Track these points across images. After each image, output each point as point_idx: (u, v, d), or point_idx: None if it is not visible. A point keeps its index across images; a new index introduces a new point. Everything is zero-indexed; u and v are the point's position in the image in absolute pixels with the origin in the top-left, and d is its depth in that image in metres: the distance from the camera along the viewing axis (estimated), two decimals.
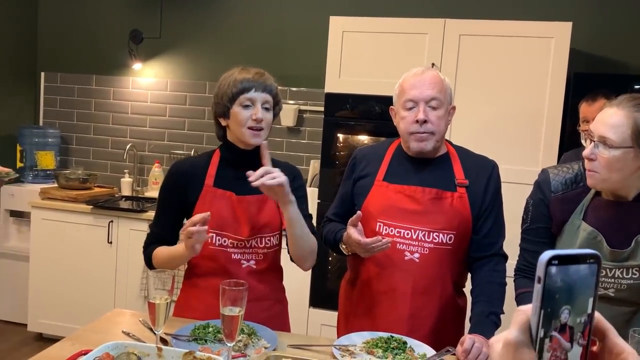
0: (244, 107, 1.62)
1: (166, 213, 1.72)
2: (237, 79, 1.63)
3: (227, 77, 1.66)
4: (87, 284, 3.46)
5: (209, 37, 3.84)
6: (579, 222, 1.52)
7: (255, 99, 1.62)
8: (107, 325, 1.59)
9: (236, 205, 1.64)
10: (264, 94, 1.63)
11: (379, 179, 1.76)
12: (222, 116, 1.67)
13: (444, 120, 1.70)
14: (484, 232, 1.71)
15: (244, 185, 1.62)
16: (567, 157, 2.76)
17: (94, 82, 4.05)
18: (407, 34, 2.97)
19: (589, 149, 1.44)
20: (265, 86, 1.63)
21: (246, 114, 1.62)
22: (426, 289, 1.68)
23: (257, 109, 1.62)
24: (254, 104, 1.62)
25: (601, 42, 3.21)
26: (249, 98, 1.62)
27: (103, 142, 4.07)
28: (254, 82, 1.62)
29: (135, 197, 3.81)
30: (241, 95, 1.61)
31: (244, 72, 1.64)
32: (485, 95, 2.89)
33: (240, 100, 1.62)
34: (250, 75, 1.63)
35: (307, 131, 3.70)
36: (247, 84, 1.61)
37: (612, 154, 1.39)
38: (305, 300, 3.13)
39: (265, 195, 1.68)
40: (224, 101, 1.64)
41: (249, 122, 1.62)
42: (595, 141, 1.42)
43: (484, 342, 1.46)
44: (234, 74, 1.65)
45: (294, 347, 1.49)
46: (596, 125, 1.44)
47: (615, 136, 1.38)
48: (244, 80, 1.62)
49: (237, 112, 1.63)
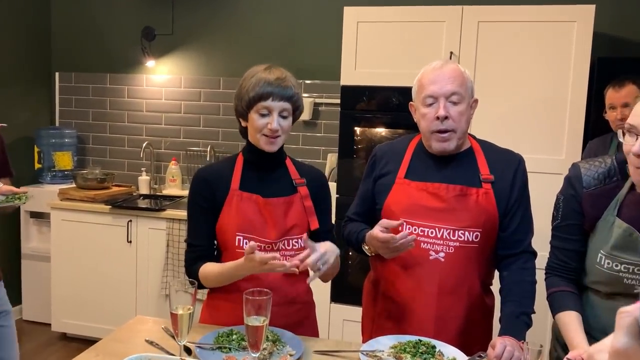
0: (261, 115, 1.58)
1: (201, 222, 1.66)
2: (256, 82, 1.57)
3: (249, 77, 1.60)
4: (109, 283, 3.48)
5: (221, 31, 3.80)
6: (613, 219, 1.46)
7: (272, 108, 1.58)
8: (130, 333, 1.57)
9: (263, 208, 1.61)
10: (282, 103, 1.58)
11: (400, 176, 1.71)
12: (241, 117, 1.65)
13: (466, 116, 1.64)
14: (511, 229, 1.65)
15: (270, 187, 1.59)
16: (593, 145, 2.69)
17: (108, 81, 4.04)
18: (423, 22, 2.89)
19: (638, 145, 1.32)
20: (283, 94, 1.57)
21: (262, 122, 1.58)
22: (453, 289, 1.64)
23: (272, 119, 1.57)
24: (271, 113, 1.58)
25: (625, 24, 3.11)
26: (266, 107, 1.57)
27: (119, 140, 4.07)
28: (273, 89, 1.56)
29: (153, 196, 3.81)
30: (258, 103, 1.57)
31: (266, 74, 1.58)
32: (506, 83, 2.81)
33: (257, 107, 1.58)
34: (272, 79, 1.57)
35: (323, 124, 3.65)
36: (266, 91, 1.56)
37: None
38: (326, 296, 3.11)
39: (292, 197, 1.67)
40: (242, 104, 1.61)
41: (265, 130, 1.59)
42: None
43: (515, 345, 1.42)
44: (256, 74, 1.59)
45: (320, 353, 1.47)
46: (638, 118, 1.35)
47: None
48: (264, 85, 1.56)
49: (253, 119, 1.60)
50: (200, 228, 1.66)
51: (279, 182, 1.68)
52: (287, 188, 1.68)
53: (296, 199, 1.67)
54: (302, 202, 1.68)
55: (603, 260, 1.47)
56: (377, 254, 1.69)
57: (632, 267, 1.43)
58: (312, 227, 1.69)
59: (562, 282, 1.56)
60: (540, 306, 1.65)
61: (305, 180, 1.71)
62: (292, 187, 1.69)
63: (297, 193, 1.68)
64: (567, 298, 1.53)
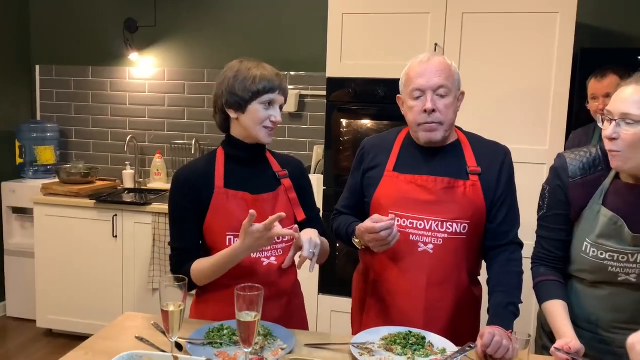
0: (265, 106, 1.59)
1: (187, 224, 1.62)
2: (262, 74, 1.58)
3: (245, 70, 1.59)
4: (94, 278, 3.45)
5: (205, 23, 3.76)
6: (598, 207, 1.48)
7: (275, 101, 1.61)
8: (119, 331, 1.56)
9: (252, 205, 1.60)
10: (282, 97, 1.63)
11: (389, 169, 1.72)
12: (234, 108, 1.60)
13: (453, 108, 1.65)
14: (498, 220, 1.67)
15: (255, 182, 1.58)
16: (577, 135, 2.72)
17: (90, 74, 3.98)
18: (408, 14, 2.89)
19: (610, 129, 1.39)
20: (284, 89, 1.63)
21: (265, 114, 1.59)
22: (441, 280, 1.65)
23: (276, 111, 1.61)
24: (273, 106, 1.60)
25: (608, 15, 3.14)
26: (272, 99, 1.59)
27: (102, 134, 4.02)
28: (277, 83, 1.60)
29: (138, 190, 3.78)
30: (265, 95, 1.58)
31: (262, 69, 1.60)
32: (490, 74, 2.83)
33: (262, 98, 1.58)
34: (273, 75, 1.60)
35: (309, 116, 3.64)
36: (272, 84, 1.59)
37: (637, 129, 1.36)
38: (314, 287, 3.12)
39: (277, 191, 1.68)
40: (243, 94, 1.57)
41: (267, 122, 1.60)
42: (616, 120, 1.38)
43: (503, 335, 1.43)
44: (252, 69, 1.59)
45: (310, 346, 1.47)
46: (615, 105, 1.40)
47: (638, 111, 1.35)
48: (269, 79, 1.58)
49: (256, 110, 1.58)
50: (186, 230, 1.63)
51: (263, 176, 1.68)
52: (272, 181, 1.68)
53: (281, 191, 1.68)
54: (287, 195, 1.69)
55: (588, 249, 1.50)
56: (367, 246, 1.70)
57: (616, 255, 1.47)
58: (299, 218, 1.69)
59: (548, 272, 1.58)
60: (526, 296, 1.68)
61: (287, 171, 1.72)
62: (276, 180, 1.69)
63: (281, 186, 1.69)
64: (553, 287, 1.55)
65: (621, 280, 1.49)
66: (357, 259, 1.91)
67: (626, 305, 1.50)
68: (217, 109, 1.66)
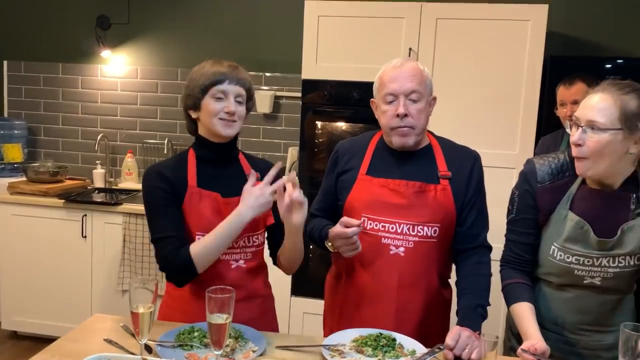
0: (217, 99, 1.58)
1: (169, 214, 1.56)
2: (209, 70, 1.58)
3: (199, 69, 1.61)
4: (62, 279, 3.38)
5: (180, 22, 3.73)
6: (565, 212, 1.52)
7: (228, 92, 1.58)
8: (87, 333, 1.53)
9: (223, 207, 1.59)
10: (237, 87, 1.59)
11: (362, 173, 1.74)
12: (192, 108, 1.62)
13: (425, 113, 1.67)
14: (468, 224, 1.70)
15: (227, 184, 1.56)
16: (546, 140, 2.78)
17: (60, 71, 3.90)
18: (383, 18, 2.92)
19: (577, 135, 1.43)
20: (238, 79, 1.59)
21: (218, 107, 1.58)
22: (412, 283, 1.67)
23: (229, 102, 1.58)
24: (227, 97, 1.58)
25: (577, 24, 3.22)
26: (222, 90, 1.57)
27: (72, 132, 3.94)
28: (227, 74, 1.58)
29: (108, 189, 3.72)
30: (213, 87, 1.57)
31: (216, 65, 1.60)
32: (463, 79, 2.87)
33: (212, 92, 1.57)
34: (224, 68, 1.59)
35: (283, 117, 3.64)
36: (221, 76, 1.57)
37: (601, 136, 1.40)
38: (287, 289, 3.12)
39: None
40: (194, 93, 1.59)
41: (221, 114, 1.58)
42: (582, 127, 1.42)
43: (471, 336, 1.46)
44: (206, 66, 1.60)
45: (282, 348, 1.47)
46: (583, 111, 1.43)
47: (603, 119, 1.39)
48: (217, 72, 1.58)
49: (208, 103, 1.58)
50: (171, 217, 1.56)
51: (235, 178, 1.66)
52: (243, 184, 1.65)
53: None
54: None
55: (556, 252, 1.54)
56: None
57: (582, 259, 1.51)
58: (268, 222, 1.69)
59: (516, 274, 1.61)
60: (495, 298, 1.71)
61: (259, 175, 1.68)
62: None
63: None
64: (521, 290, 1.59)
65: (586, 284, 1.53)
66: (330, 262, 1.91)
67: (591, 308, 1.54)
68: (184, 113, 1.67)
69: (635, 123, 1.39)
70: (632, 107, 1.39)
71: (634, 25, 3.18)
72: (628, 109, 1.38)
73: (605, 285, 1.52)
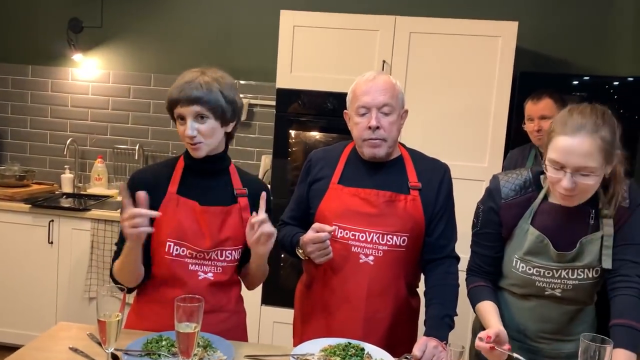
0: (180, 121, 1.56)
1: None
2: (173, 87, 1.54)
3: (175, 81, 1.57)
4: (27, 286, 3.30)
5: (154, 26, 3.70)
6: (527, 227, 1.56)
7: (183, 114, 1.53)
8: (52, 341, 1.50)
9: (199, 215, 1.58)
10: (192, 107, 1.51)
11: (334, 182, 1.76)
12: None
13: (396, 126, 1.71)
14: (436, 234, 1.73)
15: (209, 194, 1.55)
16: (513, 154, 2.84)
17: (29, 73, 3.82)
18: (358, 30, 2.96)
19: (567, 182, 1.41)
20: (189, 98, 1.50)
21: (181, 130, 1.56)
22: (381, 291, 1.69)
23: (186, 126, 1.53)
24: (185, 119, 1.54)
25: (546, 41, 3.32)
26: (179, 114, 1.55)
27: (41, 136, 3.86)
28: (179, 95, 1.51)
29: (77, 195, 3.65)
30: (173, 111, 1.56)
31: (185, 78, 1.54)
32: (434, 92, 2.93)
33: (175, 114, 1.56)
34: (181, 83, 1.52)
35: (257, 125, 3.64)
36: (175, 96, 1.52)
37: (592, 178, 1.41)
38: (257, 299, 3.10)
39: (231, 207, 1.64)
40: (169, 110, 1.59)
41: (185, 138, 1.56)
42: (570, 172, 1.41)
43: (438, 346, 1.48)
44: (178, 79, 1.56)
45: (250, 357, 1.47)
46: (566, 158, 1.41)
47: (593, 163, 1.40)
48: (175, 89, 1.53)
49: (177, 126, 1.58)
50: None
51: (220, 190, 1.64)
52: (227, 197, 1.64)
53: (235, 209, 1.64)
54: (241, 214, 1.64)
55: (518, 264, 1.58)
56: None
57: (542, 271, 1.55)
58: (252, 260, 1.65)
59: (480, 280, 1.66)
60: (462, 308, 1.74)
61: (247, 190, 1.67)
62: (233, 197, 1.65)
63: (237, 204, 1.65)
64: (485, 291, 1.63)
65: (548, 294, 1.58)
66: (300, 271, 1.92)
67: (552, 317, 1.59)
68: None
69: (611, 152, 1.42)
70: (608, 140, 1.41)
71: (599, 44, 3.30)
72: (606, 144, 1.40)
73: (566, 296, 1.57)
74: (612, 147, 1.42)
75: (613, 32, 3.29)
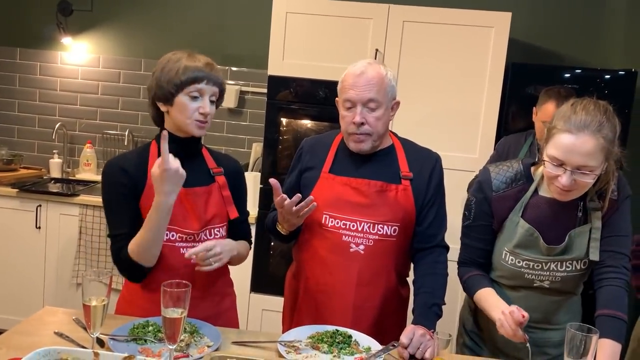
0: (192, 98, 1.55)
1: (124, 210, 1.56)
2: (186, 66, 1.53)
3: (173, 61, 1.55)
4: (14, 271, 3.28)
5: (145, 11, 3.65)
6: (517, 219, 1.56)
7: (204, 91, 1.56)
8: (37, 325, 1.49)
9: (184, 198, 1.57)
10: (214, 87, 1.58)
11: (325, 170, 1.75)
12: (163, 101, 1.57)
13: (383, 120, 1.68)
14: (426, 223, 1.73)
15: (188, 176, 1.54)
16: (508, 140, 2.76)
17: (18, 56, 3.76)
18: (351, 18, 2.93)
19: (568, 180, 1.41)
20: (215, 79, 1.58)
21: (193, 106, 1.55)
22: (370, 280, 1.69)
23: (205, 102, 1.56)
24: (202, 96, 1.56)
25: (539, 33, 3.31)
26: (199, 89, 1.55)
27: (29, 120, 3.81)
28: (206, 73, 1.55)
29: (65, 180, 3.62)
30: (190, 85, 1.54)
31: (192, 60, 1.55)
32: (427, 82, 2.92)
33: (188, 89, 1.54)
34: (201, 65, 1.55)
35: (248, 113, 3.62)
36: (199, 74, 1.54)
37: (592, 176, 1.41)
38: (246, 286, 3.10)
39: (210, 186, 1.65)
40: (168, 87, 1.54)
41: (195, 115, 1.55)
42: (570, 170, 1.41)
43: (426, 334, 1.49)
44: (182, 60, 1.55)
45: (238, 344, 1.47)
46: (567, 156, 1.40)
47: (594, 162, 1.40)
48: (195, 69, 1.53)
49: (183, 102, 1.55)
50: (124, 215, 1.56)
51: (197, 171, 1.64)
52: (205, 177, 1.66)
53: (214, 188, 1.66)
54: (220, 192, 1.67)
55: (507, 257, 1.59)
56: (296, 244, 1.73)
57: (532, 264, 1.56)
58: (232, 216, 1.68)
59: (474, 270, 1.65)
60: (450, 298, 1.74)
61: (222, 169, 1.69)
62: (210, 177, 1.67)
63: (215, 183, 1.67)
64: (482, 279, 1.64)
65: (536, 286, 1.58)
66: (290, 259, 1.91)
67: (539, 306, 1.59)
68: (150, 102, 1.63)
69: (611, 151, 1.43)
70: (610, 138, 1.41)
71: (590, 37, 3.30)
72: (607, 143, 1.40)
73: (553, 287, 1.58)
74: (612, 146, 1.42)
75: (605, 25, 3.29)
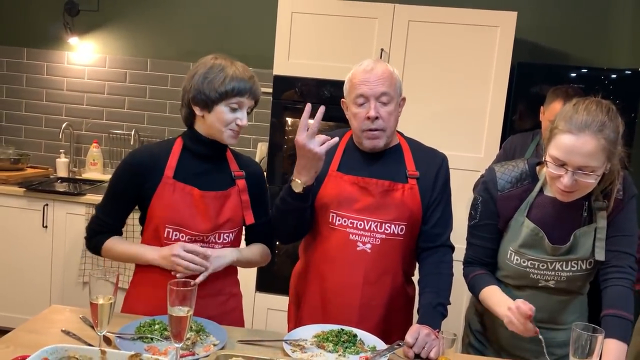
0: (232, 109, 1.56)
1: (117, 203, 1.64)
2: (231, 76, 1.55)
3: (217, 68, 1.55)
4: (21, 270, 3.30)
5: (151, 11, 3.67)
6: (522, 219, 1.56)
7: (244, 104, 1.58)
8: (45, 324, 1.50)
9: (198, 201, 1.58)
10: (252, 100, 1.61)
11: (333, 169, 1.75)
12: (200, 106, 1.57)
13: (394, 115, 1.69)
14: (432, 223, 1.72)
15: (208, 179, 1.55)
16: (515, 139, 2.74)
17: (25, 56, 3.79)
18: (356, 17, 2.93)
19: (569, 181, 1.41)
20: (256, 93, 1.61)
21: (231, 117, 1.57)
22: (377, 279, 1.69)
23: (243, 114, 1.59)
24: (241, 108, 1.58)
25: (544, 32, 3.30)
26: (240, 102, 1.57)
27: (36, 119, 3.84)
28: (249, 87, 1.57)
29: (72, 179, 3.64)
30: (233, 97, 1.55)
31: (234, 68, 1.56)
32: (432, 82, 2.92)
33: (230, 101, 1.56)
34: (245, 77, 1.57)
35: (254, 112, 3.59)
36: (244, 87, 1.56)
37: (593, 177, 1.41)
38: (251, 285, 3.11)
39: (230, 190, 1.66)
40: (209, 94, 1.54)
41: (232, 125, 1.57)
42: (571, 170, 1.41)
43: (431, 333, 1.49)
44: (225, 68, 1.55)
45: (243, 342, 1.47)
46: (571, 157, 1.40)
47: (596, 163, 1.40)
48: (240, 81, 1.55)
49: (222, 112, 1.56)
50: (118, 208, 1.64)
51: (218, 174, 1.65)
52: (226, 180, 1.66)
53: (233, 192, 1.66)
54: (240, 196, 1.67)
55: (512, 257, 1.59)
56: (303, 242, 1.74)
57: (537, 263, 1.55)
58: (248, 221, 1.68)
59: (480, 269, 1.65)
60: (455, 297, 1.74)
61: (244, 172, 1.69)
62: (231, 180, 1.67)
63: (235, 186, 1.67)
64: (487, 277, 1.63)
65: (541, 286, 1.58)
66: (295, 258, 1.92)
67: (544, 306, 1.59)
68: (184, 102, 1.63)
69: (613, 151, 1.42)
70: (612, 139, 1.40)
71: (597, 36, 3.29)
72: (609, 144, 1.40)
73: (559, 287, 1.57)
74: (614, 146, 1.42)
75: (611, 25, 3.28)
